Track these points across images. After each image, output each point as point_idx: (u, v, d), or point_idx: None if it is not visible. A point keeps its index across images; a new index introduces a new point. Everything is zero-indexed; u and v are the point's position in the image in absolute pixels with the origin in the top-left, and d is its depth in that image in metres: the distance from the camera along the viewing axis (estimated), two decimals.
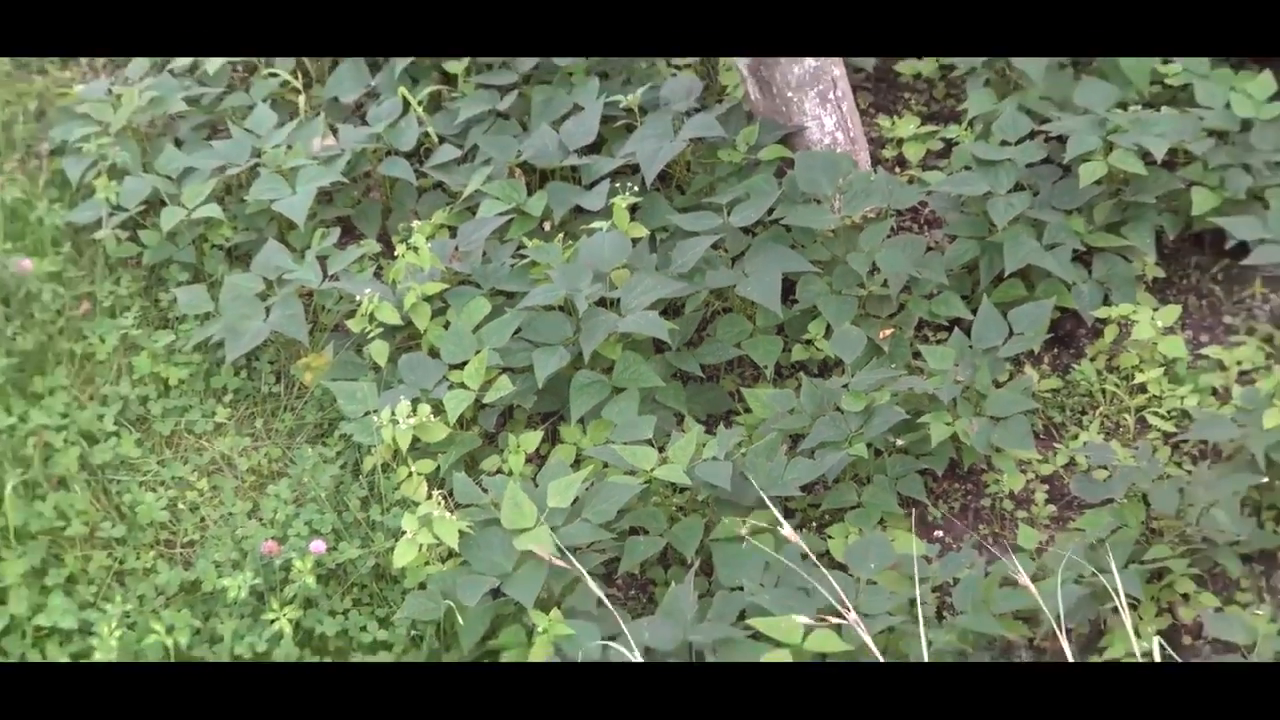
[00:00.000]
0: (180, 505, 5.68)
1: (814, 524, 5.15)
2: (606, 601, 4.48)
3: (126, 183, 6.44)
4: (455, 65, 6.55)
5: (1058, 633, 4.02)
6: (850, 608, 4.15)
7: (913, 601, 4.55)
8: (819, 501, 5.22)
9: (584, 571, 4.58)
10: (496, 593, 4.79)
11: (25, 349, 6.08)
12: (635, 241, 5.76)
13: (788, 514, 5.11)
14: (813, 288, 5.67)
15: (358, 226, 6.42)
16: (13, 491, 5.49)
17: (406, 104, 6.42)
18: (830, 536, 4.98)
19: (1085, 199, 5.80)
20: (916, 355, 5.56)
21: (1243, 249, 5.70)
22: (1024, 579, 4.19)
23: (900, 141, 6.39)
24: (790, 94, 6.00)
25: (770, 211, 5.76)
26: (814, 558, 4.57)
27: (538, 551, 4.66)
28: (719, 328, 5.76)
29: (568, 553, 4.63)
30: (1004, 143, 5.92)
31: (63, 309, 6.28)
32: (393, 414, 5.40)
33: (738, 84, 6.26)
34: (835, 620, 4.14)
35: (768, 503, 4.56)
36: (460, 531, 4.95)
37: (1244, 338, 5.67)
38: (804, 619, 4.23)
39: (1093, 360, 5.65)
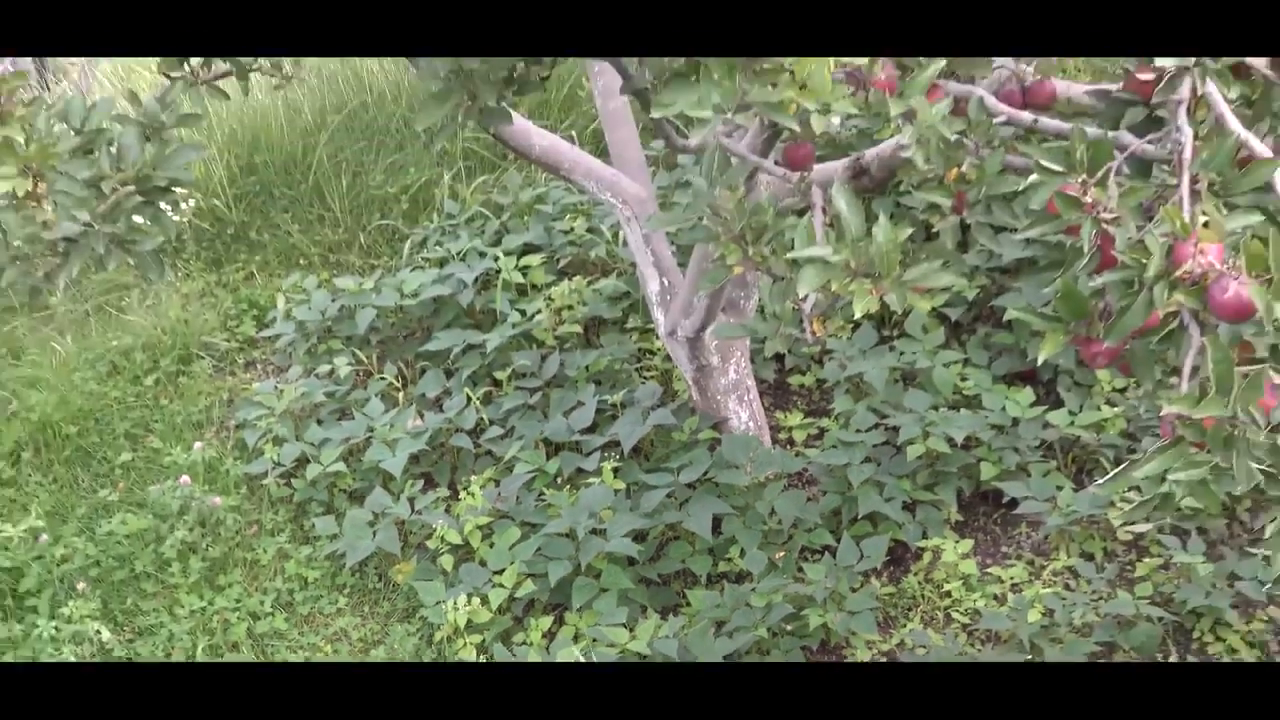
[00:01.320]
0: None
1: None
2: None
3: (285, 448, 6.49)
4: (502, 374, 6.62)
5: None
6: None
7: None
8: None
9: None
10: None
11: (214, 556, 6.12)
12: (616, 492, 5.80)
13: None
14: (733, 524, 5.67)
15: (435, 478, 6.42)
16: (201, 651, 5.50)
17: (469, 399, 6.48)
18: None
19: (911, 468, 5.81)
20: (800, 570, 5.56)
21: (1014, 503, 5.76)
22: None
23: (790, 428, 6.42)
24: (719, 397, 6.06)
25: (705, 473, 5.77)
26: None
27: None
28: (671, 550, 5.75)
29: None
30: (858, 431, 5.96)
31: (240, 530, 6.30)
32: (455, 604, 5.41)
33: (685, 389, 6.29)
34: None
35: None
36: None
37: (1015, 561, 5.68)
38: None
39: (915, 575, 5.65)
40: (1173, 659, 5.14)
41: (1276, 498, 2.94)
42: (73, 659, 5.58)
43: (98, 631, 5.75)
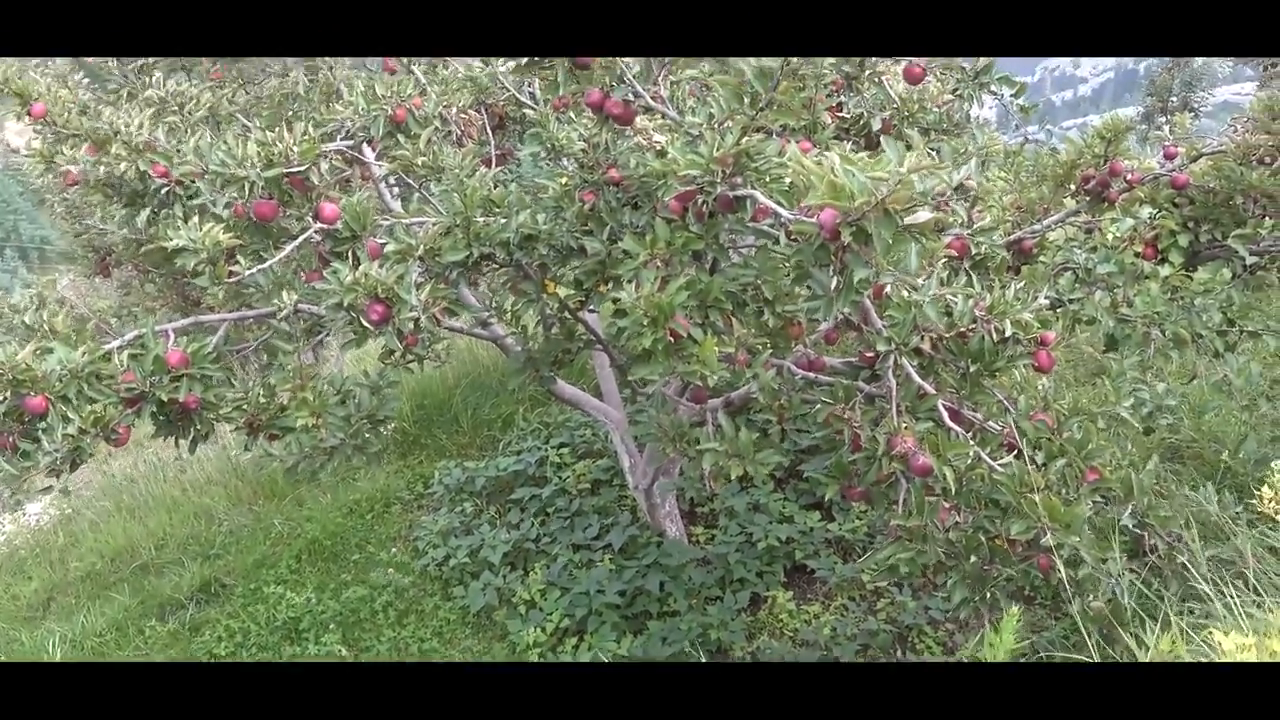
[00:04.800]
0: None
1: None
2: None
3: (437, 550, 6.21)
4: (550, 510, 6.45)
5: None
6: None
7: None
8: None
9: None
10: None
11: (400, 608, 5.83)
12: (610, 570, 5.56)
13: None
14: (670, 586, 5.41)
15: (516, 565, 6.07)
16: (393, 658, 5.20)
17: (533, 523, 6.27)
18: None
19: (760, 554, 5.57)
20: (705, 609, 5.29)
21: (813, 571, 5.55)
22: None
23: (698, 535, 6.13)
24: (662, 520, 5.86)
25: (655, 560, 5.56)
26: None
27: None
28: (638, 600, 5.46)
29: None
30: (732, 535, 5.72)
31: (414, 595, 6.03)
32: (526, 632, 5.14)
33: (644, 516, 6.01)
34: None
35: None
36: None
37: (814, 602, 5.46)
38: None
39: (764, 611, 5.38)
40: (898, 655, 4.98)
41: (950, 566, 2.90)
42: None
43: (340, 650, 5.49)
